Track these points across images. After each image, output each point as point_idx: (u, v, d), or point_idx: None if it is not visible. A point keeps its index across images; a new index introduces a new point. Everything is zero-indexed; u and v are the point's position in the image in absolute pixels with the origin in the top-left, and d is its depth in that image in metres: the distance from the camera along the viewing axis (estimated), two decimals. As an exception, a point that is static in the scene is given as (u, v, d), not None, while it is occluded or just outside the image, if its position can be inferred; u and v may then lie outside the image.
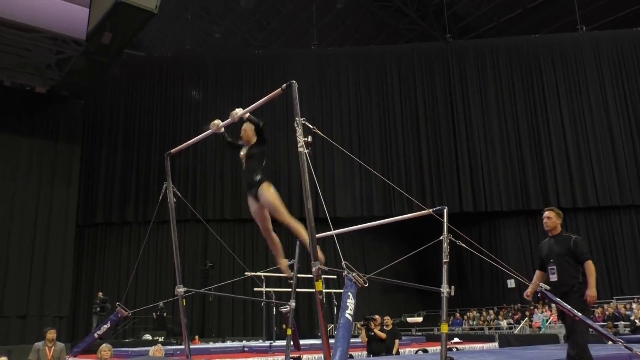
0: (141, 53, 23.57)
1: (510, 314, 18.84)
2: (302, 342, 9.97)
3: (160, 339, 14.98)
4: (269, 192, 4.35)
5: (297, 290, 7.21)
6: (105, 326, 6.56)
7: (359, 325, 10.58)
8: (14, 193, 17.16)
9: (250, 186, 4.46)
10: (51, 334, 8.19)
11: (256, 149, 4.61)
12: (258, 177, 4.42)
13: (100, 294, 16.76)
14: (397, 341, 9.16)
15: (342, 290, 3.52)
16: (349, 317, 3.20)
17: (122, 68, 21.31)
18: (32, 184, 17.52)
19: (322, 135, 4.06)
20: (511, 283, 20.11)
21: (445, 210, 5.06)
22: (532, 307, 17.91)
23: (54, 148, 18.16)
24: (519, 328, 17.03)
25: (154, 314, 17.26)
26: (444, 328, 4.72)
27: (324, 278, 5.00)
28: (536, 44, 21.97)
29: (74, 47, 15.23)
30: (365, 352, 9.46)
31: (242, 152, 4.67)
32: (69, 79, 16.83)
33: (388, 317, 9.45)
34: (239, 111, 4.42)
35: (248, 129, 4.64)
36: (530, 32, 22.77)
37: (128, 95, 21.82)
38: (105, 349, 7.01)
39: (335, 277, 15.66)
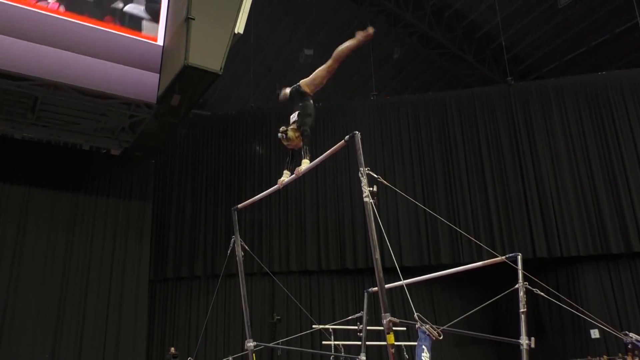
0: (207, 112, 24.66)
1: (596, 367, 17.49)
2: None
3: (230, 394, 14.88)
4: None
5: (367, 343, 7.01)
6: (177, 381, 6.58)
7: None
8: (91, 250, 17.89)
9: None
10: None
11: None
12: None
13: (172, 349, 16.99)
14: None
15: (413, 343, 3.38)
16: (424, 372, 3.06)
17: (189, 127, 22.33)
18: (107, 241, 18.25)
19: (387, 184, 4.03)
20: (595, 333, 18.72)
21: (519, 257, 4.83)
22: (619, 359, 16.59)
23: (128, 206, 18.97)
24: (607, 382, 15.75)
25: (223, 368, 17.23)
26: (526, 384, 4.41)
27: (393, 330, 4.85)
28: (604, 81, 21.20)
29: (146, 110, 16.13)
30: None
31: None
32: (141, 140, 17.79)
33: None
34: (302, 168, 4.49)
35: (293, 137, 4.89)
36: (596, 69, 22.06)
37: (195, 152, 22.68)
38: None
39: (404, 329, 15.19)
